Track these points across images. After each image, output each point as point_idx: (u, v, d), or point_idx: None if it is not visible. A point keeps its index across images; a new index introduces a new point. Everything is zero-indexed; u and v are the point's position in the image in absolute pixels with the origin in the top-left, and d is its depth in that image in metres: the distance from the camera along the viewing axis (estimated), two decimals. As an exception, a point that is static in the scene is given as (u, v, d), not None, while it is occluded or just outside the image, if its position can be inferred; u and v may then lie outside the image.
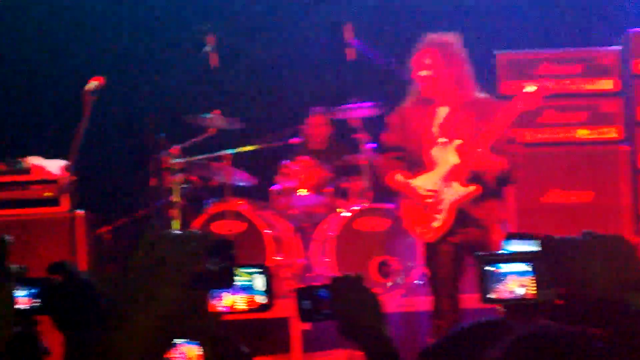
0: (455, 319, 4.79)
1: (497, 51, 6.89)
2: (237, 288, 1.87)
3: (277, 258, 6.60)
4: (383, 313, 2.08)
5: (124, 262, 1.41)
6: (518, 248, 1.68)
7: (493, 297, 1.63)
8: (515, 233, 1.75)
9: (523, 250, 1.66)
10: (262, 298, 1.88)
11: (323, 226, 6.82)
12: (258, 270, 1.88)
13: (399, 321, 6.04)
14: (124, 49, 8.16)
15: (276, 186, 7.19)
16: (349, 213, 6.64)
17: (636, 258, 1.51)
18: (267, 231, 6.67)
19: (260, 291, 1.88)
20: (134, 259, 1.39)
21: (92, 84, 5.39)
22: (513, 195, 6.53)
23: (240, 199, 6.95)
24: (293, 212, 7.00)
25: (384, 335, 2.06)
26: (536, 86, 4.90)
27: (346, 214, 6.65)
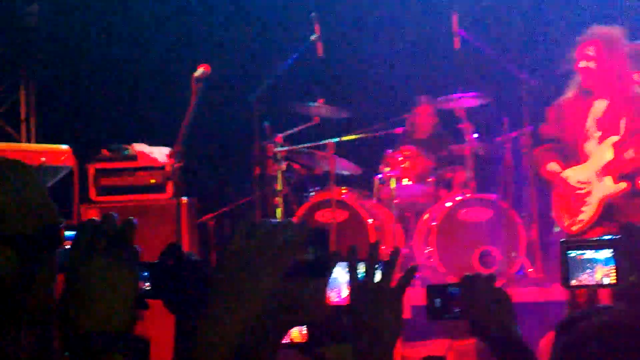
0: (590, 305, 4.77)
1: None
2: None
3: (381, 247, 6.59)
4: (515, 313, 2.01)
5: (222, 251, 1.41)
6: None
7: (575, 283, 1.61)
8: None
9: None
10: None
11: (425, 216, 6.79)
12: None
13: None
14: (231, 37, 8.26)
15: (379, 175, 7.18)
16: (452, 203, 6.60)
17: None
18: (370, 220, 6.68)
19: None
20: (231, 248, 1.38)
21: (199, 71, 5.42)
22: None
23: (343, 188, 6.97)
24: (396, 202, 6.98)
25: (517, 335, 1.99)
26: None
27: (449, 204, 6.61)
